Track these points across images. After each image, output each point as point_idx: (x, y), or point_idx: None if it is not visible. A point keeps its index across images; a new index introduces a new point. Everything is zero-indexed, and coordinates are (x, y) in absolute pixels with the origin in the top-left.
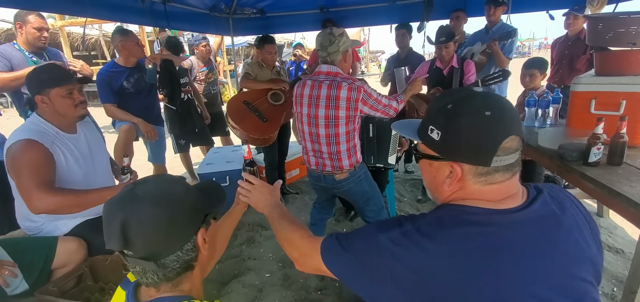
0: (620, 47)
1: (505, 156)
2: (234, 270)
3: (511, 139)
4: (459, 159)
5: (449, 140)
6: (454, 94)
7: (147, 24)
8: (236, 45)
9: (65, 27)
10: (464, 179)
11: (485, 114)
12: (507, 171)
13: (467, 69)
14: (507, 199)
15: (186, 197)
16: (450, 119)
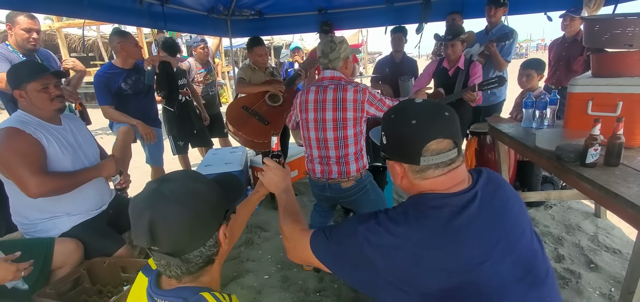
0: (617, 48)
1: (432, 156)
2: (232, 272)
3: (436, 142)
4: (398, 158)
5: (389, 144)
6: (399, 105)
7: (144, 25)
8: (234, 47)
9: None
10: (407, 176)
11: (411, 122)
12: (438, 168)
13: (472, 71)
14: (456, 185)
15: (210, 196)
16: (389, 126)
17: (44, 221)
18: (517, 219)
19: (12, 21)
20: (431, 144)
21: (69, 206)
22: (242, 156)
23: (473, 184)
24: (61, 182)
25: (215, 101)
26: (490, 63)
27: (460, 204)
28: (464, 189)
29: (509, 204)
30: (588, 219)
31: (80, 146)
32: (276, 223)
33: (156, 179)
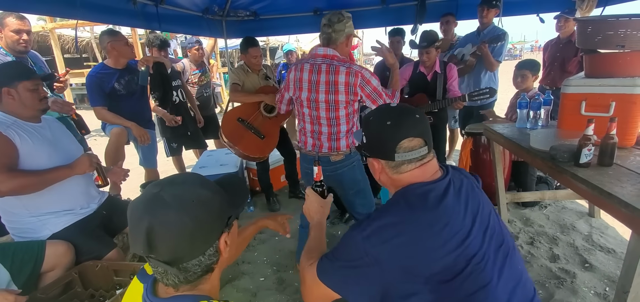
0: (609, 49)
1: (404, 153)
2: (227, 275)
3: (408, 141)
4: (376, 155)
5: (369, 143)
6: (378, 109)
7: (139, 26)
8: (230, 48)
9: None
10: (385, 171)
11: (387, 123)
12: (412, 163)
13: (449, 73)
14: (431, 176)
15: (213, 202)
16: (368, 127)
17: (33, 221)
18: (482, 199)
19: (2, 23)
20: (403, 142)
21: (54, 204)
22: (237, 158)
23: (445, 173)
24: (27, 180)
25: (210, 102)
26: (481, 63)
27: (442, 188)
28: (439, 177)
29: (476, 189)
30: (582, 219)
31: (59, 142)
32: None
33: (158, 182)
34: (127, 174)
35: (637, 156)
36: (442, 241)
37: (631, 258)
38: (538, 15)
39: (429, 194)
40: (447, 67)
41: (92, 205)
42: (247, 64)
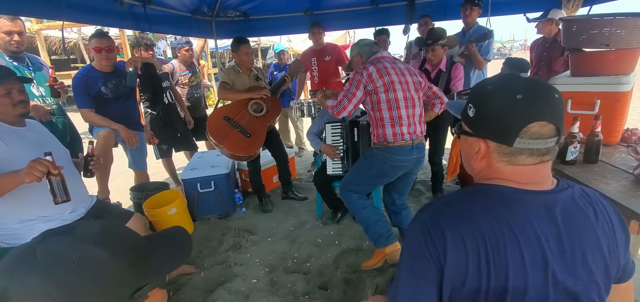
0: (594, 48)
1: (530, 139)
2: (219, 277)
3: (540, 125)
4: (486, 135)
5: (479, 117)
6: (498, 77)
7: (127, 27)
8: (220, 49)
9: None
10: (489, 156)
11: (516, 96)
12: (532, 155)
13: (454, 73)
14: (538, 182)
15: (108, 268)
16: (484, 98)
17: (20, 227)
18: (591, 248)
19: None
20: (534, 125)
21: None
22: (229, 160)
23: (558, 189)
24: None
25: (200, 104)
26: (470, 63)
27: (534, 206)
28: (545, 189)
29: (589, 234)
30: None
31: (45, 146)
32: (264, 226)
33: (51, 230)
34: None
35: (622, 153)
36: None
37: None
38: (525, 14)
39: (510, 205)
40: (453, 66)
41: (80, 209)
42: (239, 63)
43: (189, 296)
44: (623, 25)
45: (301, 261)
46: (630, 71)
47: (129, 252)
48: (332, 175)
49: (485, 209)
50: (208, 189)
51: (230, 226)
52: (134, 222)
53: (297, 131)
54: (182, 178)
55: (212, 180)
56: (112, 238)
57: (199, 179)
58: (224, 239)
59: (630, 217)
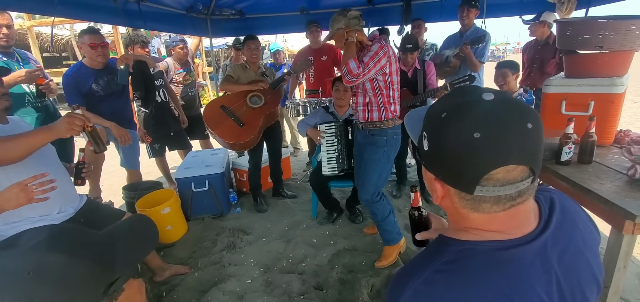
0: (588, 50)
1: (494, 187)
2: (213, 277)
3: (505, 170)
4: (442, 177)
5: (434, 154)
6: (456, 98)
7: (120, 24)
8: (215, 47)
9: (34, 27)
10: (450, 198)
11: (473, 135)
12: (499, 203)
13: (428, 69)
14: (517, 227)
15: (69, 271)
16: (438, 130)
17: (5, 229)
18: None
19: None
20: (497, 171)
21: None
22: (224, 158)
23: (541, 226)
24: None
25: (195, 102)
26: (465, 65)
27: (529, 257)
28: (527, 234)
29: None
30: None
31: None
32: (259, 226)
33: (3, 241)
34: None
35: (615, 153)
36: None
37: (611, 254)
38: (520, 16)
39: (507, 265)
40: (425, 64)
41: (69, 209)
42: (247, 59)
43: (183, 297)
44: (617, 28)
45: (296, 261)
46: (623, 73)
47: (88, 250)
48: (328, 175)
49: (478, 282)
50: (202, 189)
51: (225, 225)
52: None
53: (293, 131)
54: (175, 177)
55: (206, 179)
56: (64, 240)
57: (193, 179)
58: (218, 239)
59: (624, 217)
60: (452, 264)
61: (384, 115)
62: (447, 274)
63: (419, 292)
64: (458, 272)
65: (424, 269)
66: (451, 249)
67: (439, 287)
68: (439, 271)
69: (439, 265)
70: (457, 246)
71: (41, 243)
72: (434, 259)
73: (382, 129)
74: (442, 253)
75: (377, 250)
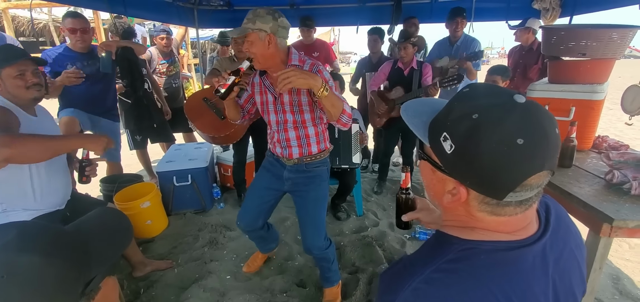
0: (572, 57)
1: (523, 192)
2: (194, 273)
3: (538, 176)
4: (467, 183)
5: (462, 159)
6: (484, 99)
7: (101, 9)
8: (202, 39)
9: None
10: (467, 203)
11: (516, 142)
12: (519, 206)
13: (424, 71)
14: (523, 228)
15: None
16: (471, 134)
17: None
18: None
19: None
20: (533, 178)
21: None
22: (208, 152)
23: (541, 229)
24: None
25: (179, 94)
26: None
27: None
28: (529, 236)
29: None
30: None
31: None
32: None
33: None
34: None
35: (594, 158)
36: None
37: (588, 256)
38: (507, 21)
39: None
40: (423, 65)
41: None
42: (237, 52)
43: (162, 294)
44: (599, 36)
45: (280, 258)
46: (603, 81)
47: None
48: None
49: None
50: (184, 183)
51: (207, 221)
52: None
53: None
54: (157, 171)
55: (189, 173)
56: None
57: (175, 172)
58: (200, 234)
59: (602, 221)
60: (455, 263)
61: (323, 146)
62: (449, 273)
63: (419, 291)
64: (461, 271)
65: (425, 268)
66: (454, 248)
67: (441, 286)
68: (440, 269)
69: (441, 264)
70: (460, 244)
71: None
72: (435, 257)
73: (322, 159)
74: (444, 251)
75: (363, 246)
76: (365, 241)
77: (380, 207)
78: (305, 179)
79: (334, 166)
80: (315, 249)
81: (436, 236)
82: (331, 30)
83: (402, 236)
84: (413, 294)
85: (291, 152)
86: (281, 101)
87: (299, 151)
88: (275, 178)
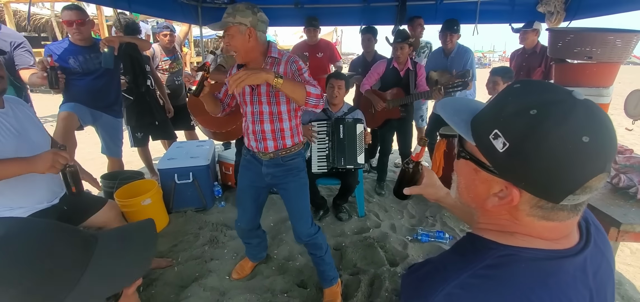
0: (578, 60)
1: (581, 196)
2: (194, 272)
3: (598, 178)
4: (522, 184)
5: (518, 159)
6: (541, 94)
7: (103, 3)
8: (205, 37)
9: (11, 3)
10: (516, 207)
11: (582, 139)
12: (572, 211)
13: (419, 71)
14: (564, 238)
15: None
16: (529, 131)
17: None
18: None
19: None
20: (594, 180)
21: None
22: (210, 150)
23: (583, 241)
24: None
25: (181, 92)
26: None
27: (572, 270)
28: (572, 247)
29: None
30: None
31: (26, 133)
32: None
33: None
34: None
35: None
36: None
37: None
38: (510, 24)
39: (550, 276)
40: (417, 66)
41: (56, 200)
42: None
43: (161, 292)
44: (606, 40)
45: (281, 258)
46: (609, 84)
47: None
48: (316, 173)
49: (519, 290)
50: (186, 181)
51: (208, 219)
52: (106, 210)
53: None
54: (158, 168)
55: (190, 171)
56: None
57: (176, 170)
58: (201, 233)
59: (609, 225)
60: (494, 269)
61: (297, 139)
62: (487, 279)
63: (453, 296)
64: (499, 278)
65: (460, 272)
66: (492, 253)
67: (478, 293)
68: (477, 275)
69: (479, 269)
70: (498, 250)
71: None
72: (471, 262)
73: (297, 151)
74: (481, 256)
75: (365, 248)
76: (367, 242)
77: (382, 209)
78: (284, 172)
79: (339, 166)
80: (304, 235)
81: (470, 240)
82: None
83: (404, 238)
84: (447, 299)
85: (266, 145)
86: (258, 92)
87: (274, 145)
88: (256, 175)
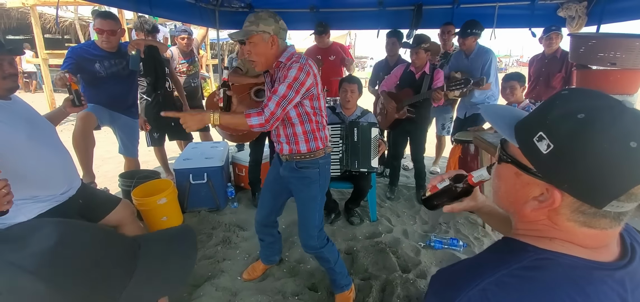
0: (601, 66)
1: (625, 203)
2: (207, 272)
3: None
4: (565, 187)
5: (562, 161)
6: (589, 100)
7: (127, 8)
8: (221, 40)
9: (37, 6)
10: (556, 210)
11: (629, 144)
12: (615, 220)
13: (436, 76)
14: (604, 247)
15: None
16: (576, 134)
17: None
18: None
19: None
20: (639, 187)
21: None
22: (224, 152)
23: (628, 257)
24: None
25: (198, 93)
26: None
27: (610, 284)
28: (613, 261)
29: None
30: None
31: (35, 122)
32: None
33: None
34: None
35: None
36: None
37: None
38: (530, 29)
39: (589, 286)
40: (435, 71)
41: (71, 191)
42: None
43: None
44: (631, 46)
45: (292, 260)
46: (633, 92)
47: (78, 289)
48: None
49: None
50: (200, 181)
51: (221, 220)
52: (121, 209)
53: None
54: (174, 168)
55: (205, 172)
56: (58, 264)
57: (191, 170)
58: (214, 233)
59: None
60: (531, 270)
61: (314, 145)
62: (524, 280)
63: (488, 292)
64: (536, 280)
65: (496, 270)
66: (529, 255)
67: (513, 291)
68: (514, 275)
69: (515, 269)
70: (536, 253)
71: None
72: (508, 261)
73: (312, 160)
74: (518, 257)
75: (377, 252)
76: (379, 247)
77: (394, 214)
78: (297, 179)
79: (352, 169)
80: (308, 247)
81: (505, 242)
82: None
83: (416, 244)
84: (481, 295)
85: (282, 148)
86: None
87: (288, 148)
88: (278, 175)
